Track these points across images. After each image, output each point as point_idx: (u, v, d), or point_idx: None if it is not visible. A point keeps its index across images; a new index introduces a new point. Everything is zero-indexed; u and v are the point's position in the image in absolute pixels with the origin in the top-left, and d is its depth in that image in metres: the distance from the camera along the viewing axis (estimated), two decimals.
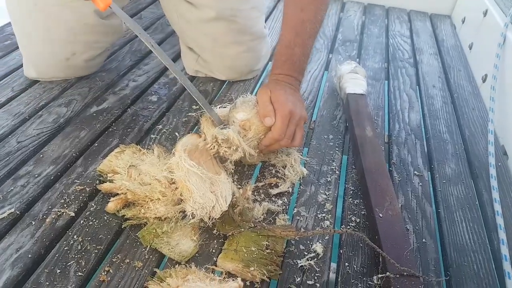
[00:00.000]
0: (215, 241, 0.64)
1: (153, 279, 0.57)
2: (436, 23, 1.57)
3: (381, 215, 0.66)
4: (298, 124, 0.75)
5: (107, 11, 0.91)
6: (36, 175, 0.72)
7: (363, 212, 0.71)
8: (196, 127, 0.89)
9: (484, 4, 1.35)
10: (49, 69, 0.94)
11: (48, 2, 0.87)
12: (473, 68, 1.27)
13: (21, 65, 1.00)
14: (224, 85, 1.04)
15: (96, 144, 0.80)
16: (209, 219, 0.64)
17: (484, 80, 1.16)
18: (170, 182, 0.68)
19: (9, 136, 0.80)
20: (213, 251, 0.62)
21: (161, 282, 0.56)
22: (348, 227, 0.68)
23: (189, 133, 0.86)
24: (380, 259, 0.61)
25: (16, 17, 0.92)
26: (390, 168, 0.82)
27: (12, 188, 0.69)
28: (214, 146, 0.72)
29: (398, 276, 0.58)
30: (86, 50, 0.94)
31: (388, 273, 0.58)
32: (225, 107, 0.82)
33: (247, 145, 0.72)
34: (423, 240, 0.68)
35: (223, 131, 0.72)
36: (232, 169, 0.74)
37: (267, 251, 0.61)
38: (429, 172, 0.83)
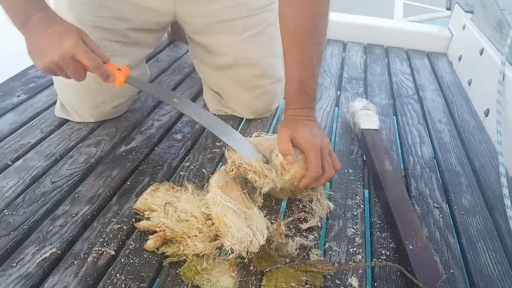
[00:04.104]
0: (253, 278, 0.66)
1: None
2: (433, 60, 1.65)
3: (411, 247, 0.69)
4: (329, 152, 0.78)
5: (134, 62, 0.97)
6: (74, 215, 0.73)
7: (391, 245, 0.74)
8: (220, 163, 0.92)
9: (479, 43, 1.43)
10: (80, 114, 0.98)
11: None
12: (474, 103, 1.33)
13: (48, 107, 1.04)
14: (243, 122, 1.08)
15: (129, 183, 0.82)
16: (247, 253, 0.66)
17: (486, 114, 1.22)
18: (206, 218, 0.70)
19: (43, 177, 0.82)
20: (253, 287, 0.64)
21: None
22: (380, 260, 0.71)
23: (215, 169, 0.89)
24: None
25: None
26: (411, 201, 0.85)
27: (51, 228, 0.71)
28: (232, 169, 0.75)
29: None
30: (115, 98, 0.98)
31: None
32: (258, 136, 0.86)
33: (280, 183, 0.75)
34: (451, 270, 0.71)
35: (244, 157, 0.76)
36: (261, 203, 0.77)
37: (307, 286, 0.63)
38: (447, 204, 0.87)
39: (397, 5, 2.19)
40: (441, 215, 0.83)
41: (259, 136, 0.86)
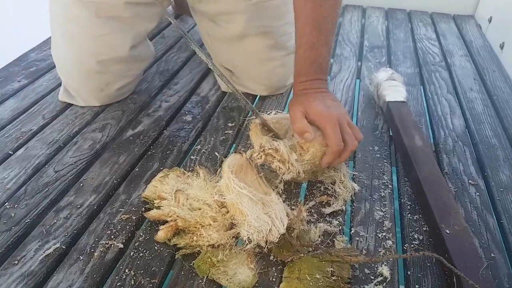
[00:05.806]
0: (274, 269, 0.60)
1: None
2: (460, 24, 1.53)
3: (447, 231, 0.62)
4: (348, 123, 0.71)
5: (136, 38, 0.89)
6: (79, 206, 0.69)
7: (424, 229, 0.67)
8: (234, 145, 0.86)
9: None
10: (84, 98, 0.93)
11: (82, 34, 0.86)
12: (507, 68, 1.22)
13: (50, 91, 0.99)
14: (257, 100, 1.01)
15: (137, 169, 0.77)
16: (266, 243, 0.60)
17: None
18: (220, 206, 0.65)
19: (46, 166, 0.77)
20: (273, 279, 0.58)
21: None
22: (412, 246, 0.64)
23: (228, 152, 0.83)
24: (454, 280, 0.57)
25: (55, 44, 0.92)
26: (444, 179, 0.77)
27: (55, 220, 0.66)
28: (261, 156, 0.69)
29: None
30: (119, 79, 0.92)
31: None
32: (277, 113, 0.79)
33: (301, 165, 0.69)
34: (492, 255, 0.64)
35: (273, 141, 0.69)
36: (281, 189, 0.71)
37: (333, 278, 0.57)
38: (483, 181, 0.79)
39: None
40: (477, 193, 0.75)
41: (277, 113, 0.79)
